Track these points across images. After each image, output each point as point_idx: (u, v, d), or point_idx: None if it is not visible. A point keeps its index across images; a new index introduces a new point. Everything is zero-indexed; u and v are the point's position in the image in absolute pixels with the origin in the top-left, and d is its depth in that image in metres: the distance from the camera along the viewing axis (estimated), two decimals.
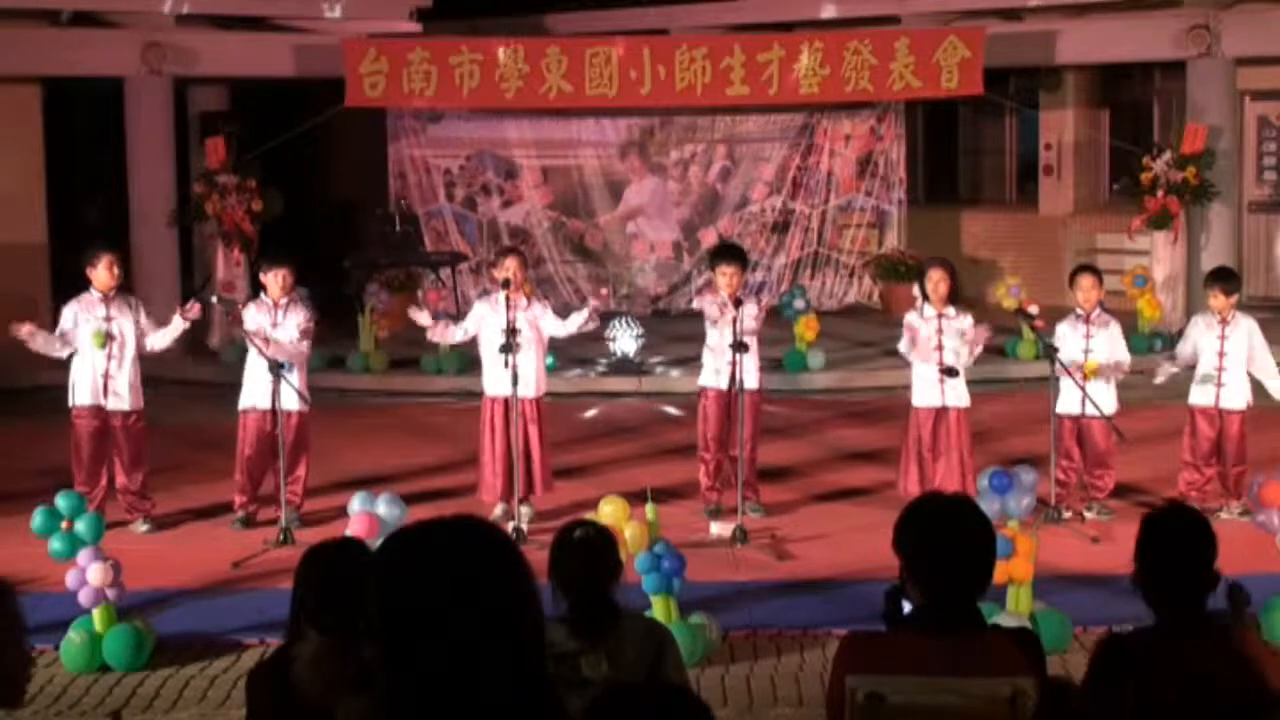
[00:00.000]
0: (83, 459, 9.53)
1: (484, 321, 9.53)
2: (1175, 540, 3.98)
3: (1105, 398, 9.41)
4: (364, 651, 3.64)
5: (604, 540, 4.65)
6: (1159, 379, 9.78)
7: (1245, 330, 9.45)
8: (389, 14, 17.18)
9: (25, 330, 9.35)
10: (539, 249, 18.14)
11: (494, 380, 9.45)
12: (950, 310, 9.41)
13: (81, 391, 9.51)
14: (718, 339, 9.54)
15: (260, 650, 7.32)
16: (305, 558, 4.27)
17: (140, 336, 9.59)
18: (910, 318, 9.56)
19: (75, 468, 9.54)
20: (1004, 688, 3.70)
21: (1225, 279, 9.68)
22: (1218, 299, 9.47)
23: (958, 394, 9.38)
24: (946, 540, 3.79)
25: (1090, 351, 9.43)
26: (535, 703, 2.46)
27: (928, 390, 9.40)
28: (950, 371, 9.31)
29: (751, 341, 9.42)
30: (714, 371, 9.61)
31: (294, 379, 9.42)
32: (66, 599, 7.36)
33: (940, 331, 9.34)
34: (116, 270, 9.52)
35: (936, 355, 9.34)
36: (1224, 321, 9.43)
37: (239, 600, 8.10)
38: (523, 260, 9.76)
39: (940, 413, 9.37)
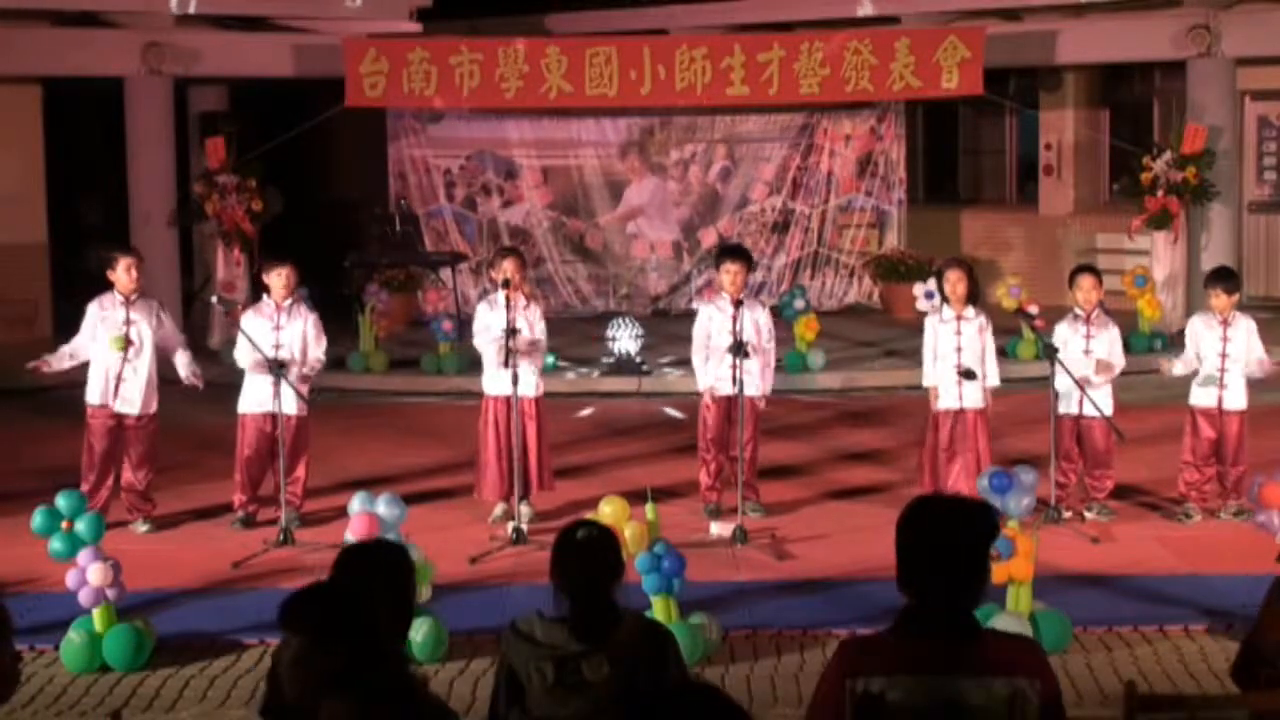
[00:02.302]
0: (94, 458, 9.54)
1: (487, 322, 9.52)
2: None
3: (1104, 398, 9.40)
4: (339, 654, 3.65)
5: (606, 541, 4.63)
6: (1175, 372, 9.67)
7: (1246, 331, 9.44)
8: (389, 14, 17.17)
9: (43, 366, 9.50)
10: (539, 249, 18.14)
11: (494, 380, 9.45)
12: (969, 311, 9.40)
13: (94, 391, 9.52)
14: (716, 341, 9.53)
15: (260, 650, 7.33)
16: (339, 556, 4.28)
17: (164, 341, 9.63)
18: (930, 321, 9.56)
19: (86, 466, 9.54)
20: (1003, 688, 3.69)
21: (1226, 279, 9.65)
22: (1219, 299, 9.44)
23: (975, 395, 9.37)
24: (943, 542, 3.75)
25: (1090, 352, 9.43)
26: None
27: (946, 392, 9.39)
28: (968, 374, 9.31)
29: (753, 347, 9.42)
30: (715, 374, 9.60)
31: (294, 380, 9.43)
32: (66, 599, 7.36)
33: (959, 333, 9.33)
34: (135, 273, 9.52)
35: (955, 356, 9.33)
36: (1225, 322, 9.42)
37: (239, 600, 8.09)
38: (520, 261, 9.72)
39: (958, 414, 9.38)
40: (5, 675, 3.57)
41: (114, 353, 9.42)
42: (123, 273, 9.47)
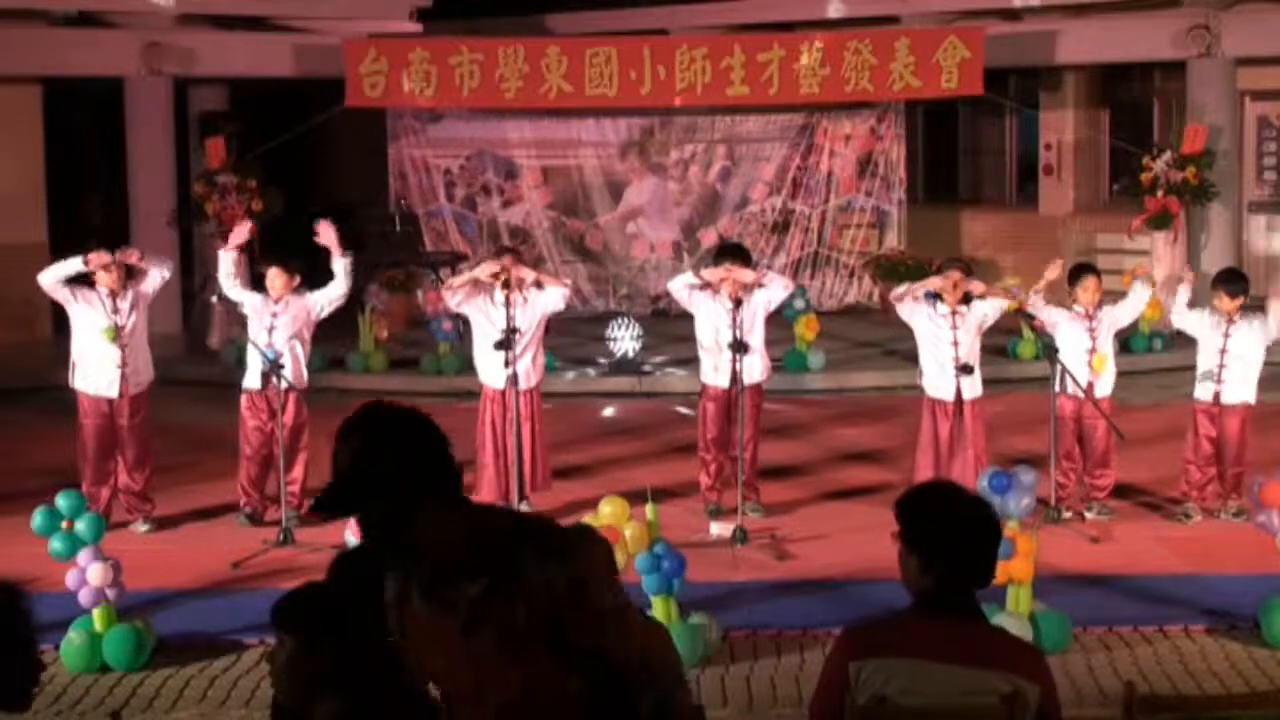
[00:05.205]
0: (90, 456, 9.53)
1: (482, 313, 9.53)
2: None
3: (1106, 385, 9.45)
4: (333, 655, 3.66)
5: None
6: (1181, 296, 9.68)
7: (1248, 330, 9.41)
8: (389, 14, 17.17)
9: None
10: (539, 249, 18.14)
11: (490, 372, 9.46)
12: (963, 308, 9.41)
13: (91, 381, 9.49)
14: (710, 337, 9.55)
15: (260, 650, 7.33)
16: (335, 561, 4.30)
17: (154, 286, 9.71)
18: (926, 310, 9.58)
19: (85, 467, 9.54)
20: (1004, 684, 3.71)
21: (1230, 282, 9.60)
22: (1223, 301, 9.43)
23: (971, 386, 9.38)
24: (962, 523, 3.79)
25: (1095, 349, 9.45)
26: None
27: (942, 385, 9.38)
28: (966, 369, 9.32)
29: (755, 340, 9.43)
30: (713, 368, 9.61)
31: (300, 355, 9.62)
32: (66, 599, 7.36)
33: (955, 327, 9.33)
34: (115, 271, 9.53)
35: (952, 350, 9.33)
36: (1230, 322, 9.40)
37: (239, 600, 8.09)
38: (515, 259, 9.68)
39: (955, 406, 9.37)
40: (18, 683, 3.55)
41: (108, 343, 9.42)
42: (102, 273, 9.47)
